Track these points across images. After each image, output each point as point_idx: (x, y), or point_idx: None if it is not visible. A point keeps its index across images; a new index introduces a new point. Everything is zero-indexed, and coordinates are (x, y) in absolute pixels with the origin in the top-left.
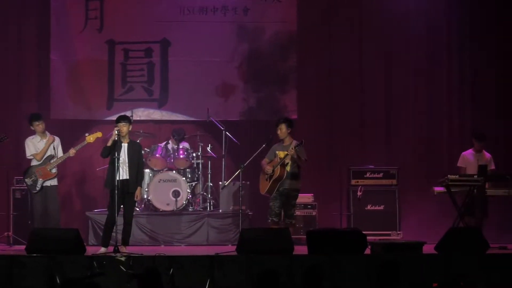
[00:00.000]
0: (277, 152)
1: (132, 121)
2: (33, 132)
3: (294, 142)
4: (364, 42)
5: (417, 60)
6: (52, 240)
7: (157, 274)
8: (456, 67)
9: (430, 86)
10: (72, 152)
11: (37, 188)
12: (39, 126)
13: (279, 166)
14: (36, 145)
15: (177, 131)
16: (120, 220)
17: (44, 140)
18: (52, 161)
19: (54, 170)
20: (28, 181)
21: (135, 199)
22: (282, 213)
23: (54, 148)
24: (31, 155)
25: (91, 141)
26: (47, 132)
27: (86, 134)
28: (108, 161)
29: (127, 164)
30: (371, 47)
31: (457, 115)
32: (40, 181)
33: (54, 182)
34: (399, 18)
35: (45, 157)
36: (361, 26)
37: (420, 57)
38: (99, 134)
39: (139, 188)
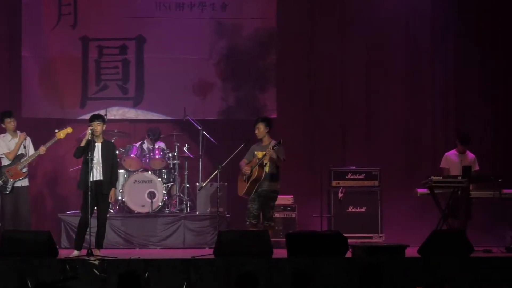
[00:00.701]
0: (255, 152)
1: (106, 120)
2: (3, 131)
3: (273, 142)
4: (347, 40)
5: (400, 58)
6: (23, 243)
7: (135, 277)
8: (440, 64)
9: (413, 84)
10: (42, 149)
11: (8, 189)
12: (10, 123)
13: (257, 166)
14: (7, 143)
15: (152, 130)
16: (93, 222)
17: (15, 139)
18: (22, 160)
19: (24, 170)
20: None
21: (109, 200)
22: (261, 215)
23: (24, 147)
24: (2, 154)
25: (62, 137)
26: (18, 131)
27: (56, 130)
28: (81, 161)
29: (101, 165)
30: (353, 45)
31: (440, 113)
32: (11, 181)
33: (25, 182)
34: (383, 15)
35: (15, 156)
36: (344, 23)
37: (404, 54)
38: (69, 130)
39: (113, 189)
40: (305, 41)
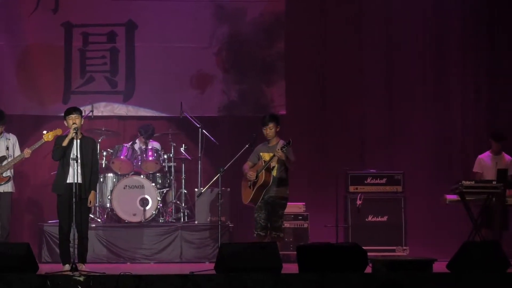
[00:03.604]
0: (261, 154)
1: (93, 116)
2: None
3: (281, 142)
4: (364, 25)
5: (425, 49)
6: None
7: None
8: (470, 57)
9: (439, 79)
10: (27, 152)
11: None
12: None
13: (263, 170)
14: None
15: (144, 128)
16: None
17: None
18: (4, 163)
19: (7, 174)
20: None
21: (89, 205)
22: (268, 225)
23: (7, 149)
24: None
25: (50, 140)
26: (5, 133)
27: (44, 132)
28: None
29: (80, 165)
30: (372, 31)
31: (472, 111)
32: None
33: (8, 188)
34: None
35: None
36: (361, 7)
37: (428, 46)
38: (58, 131)
39: (93, 192)
40: (317, 27)
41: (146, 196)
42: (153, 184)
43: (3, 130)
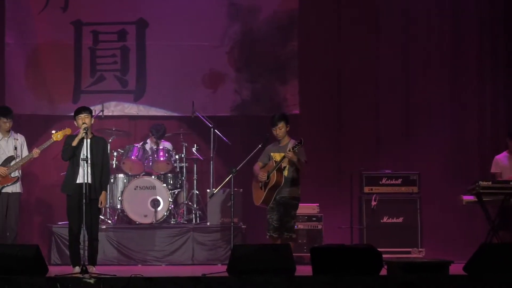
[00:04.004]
0: (272, 154)
1: (103, 116)
2: None
3: (292, 142)
4: (380, 23)
5: (442, 49)
6: (7, 258)
7: None
8: (488, 56)
9: (456, 78)
10: (36, 152)
11: None
12: (6, 123)
13: (275, 171)
14: None
15: (155, 127)
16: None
17: (6, 139)
18: (12, 163)
19: (15, 174)
20: None
21: (99, 206)
22: (280, 225)
23: (15, 148)
24: None
25: (59, 139)
26: (11, 131)
27: (53, 131)
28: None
29: (90, 165)
30: (388, 28)
31: (489, 110)
32: None
33: (16, 188)
34: None
35: (4, 159)
36: (377, 3)
37: (446, 42)
38: (67, 131)
39: (103, 193)
40: (331, 25)
41: (157, 197)
42: (165, 185)
43: (11, 128)
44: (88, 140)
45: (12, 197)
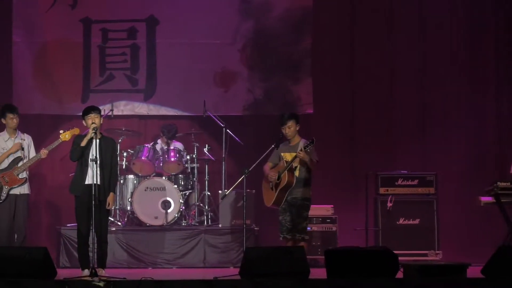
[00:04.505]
0: (282, 154)
1: (112, 116)
2: (2, 128)
3: (303, 141)
4: (396, 21)
5: (459, 46)
6: (15, 261)
7: None
8: (505, 55)
9: (473, 77)
10: (44, 153)
11: (2, 198)
12: (13, 120)
13: (286, 171)
14: (1, 144)
15: (167, 127)
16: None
17: (13, 139)
18: (20, 164)
19: (22, 175)
20: None
21: (107, 207)
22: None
23: (23, 149)
24: None
25: (67, 139)
26: (18, 131)
27: (61, 131)
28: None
29: (99, 166)
30: (403, 26)
31: (507, 110)
32: (5, 188)
33: (24, 189)
34: None
35: (11, 160)
36: (392, 1)
37: (462, 43)
38: (75, 131)
39: (111, 194)
40: (346, 22)
41: (168, 199)
42: (175, 186)
43: (17, 127)
44: (97, 141)
45: (20, 199)
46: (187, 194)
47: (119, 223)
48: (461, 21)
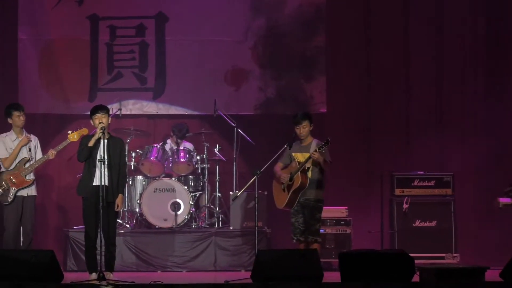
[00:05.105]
0: (294, 154)
1: (120, 115)
2: (8, 128)
3: (316, 141)
4: (412, 17)
5: (475, 42)
6: (21, 264)
7: None
8: None
9: (491, 76)
10: (51, 153)
11: (9, 199)
12: (19, 118)
13: (299, 172)
14: (9, 145)
15: (177, 127)
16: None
17: (20, 140)
18: (27, 165)
19: (30, 177)
20: None
21: (116, 209)
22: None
23: (30, 150)
24: None
25: (75, 140)
26: (24, 131)
27: (69, 132)
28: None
29: (107, 166)
30: (420, 22)
31: None
32: (12, 190)
33: (32, 191)
34: None
35: (19, 161)
36: None
37: (479, 38)
38: (84, 131)
39: (120, 195)
40: (360, 19)
41: (178, 200)
42: (185, 187)
43: (24, 124)
44: (105, 141)
45: (27, 201)
46: (197, 195)
47: (128, 225)
48: (480, 17)
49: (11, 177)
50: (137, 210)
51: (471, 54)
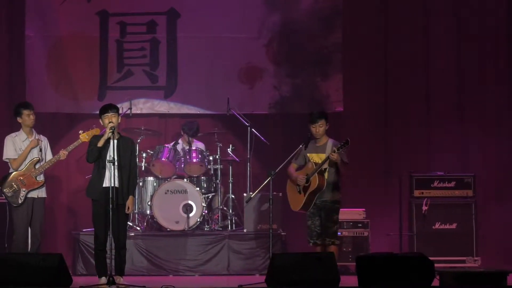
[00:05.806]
0: (308, 155)
1: (131, 114)
2: (17, 128)
3: (331, 141)
4: (432, 13)
5: (498, 36)
6: (29, 268)
7: None
8: None
9: None
10: (63, 154)
11: (20, 201)
12: (29, 117)
13: (316, 174)
14: (18, 145)
15: (187, 124)
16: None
17: (30, 140)
18: (37, 166)
19: (40, 178)
20: (8, 192)
21: (126, 211)
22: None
23: (40, 150)
24: (7, 158)
25: (87, 140)
26: (34, 131)
27: (80, 132)
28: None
29: (117, 167)
30: (439, 19)
31: None
32: (23, 191)
33: (42, 193)
34: None
35: (29, 162)
36: None
37: (502, 32)
38: (96, 131)
39: (131, 197)
40: (378, 15)
41: (190, 202)
42: (198, 188)
43: (33, 123)
44: (115, 141)
45: (37, 203)
46: (210, 197)
47: (138, 228)
48: (501, 15)
49: (21, 178)
50: (148, 212)
51: (493, 52)
